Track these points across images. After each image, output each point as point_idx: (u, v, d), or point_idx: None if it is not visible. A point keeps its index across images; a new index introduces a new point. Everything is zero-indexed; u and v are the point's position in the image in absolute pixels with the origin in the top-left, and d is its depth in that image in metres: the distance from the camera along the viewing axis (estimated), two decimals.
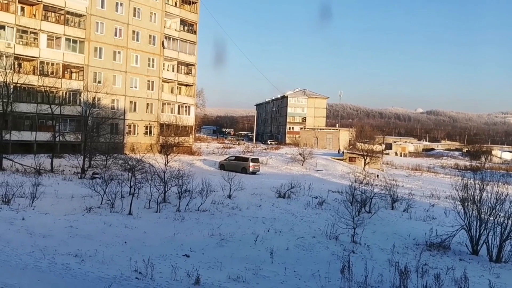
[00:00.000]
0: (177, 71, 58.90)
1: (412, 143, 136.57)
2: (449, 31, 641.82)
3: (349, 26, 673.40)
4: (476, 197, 18.19)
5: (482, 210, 17.89)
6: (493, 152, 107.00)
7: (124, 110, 51.73)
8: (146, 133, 54.86)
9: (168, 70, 57.94)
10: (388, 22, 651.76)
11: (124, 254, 13.89)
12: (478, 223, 17.75)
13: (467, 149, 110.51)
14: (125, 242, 15.47)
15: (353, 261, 14.10)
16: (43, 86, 41.02)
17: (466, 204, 18.41)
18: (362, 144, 64.76)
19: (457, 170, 70.38)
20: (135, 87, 53.29)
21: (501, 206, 17.70)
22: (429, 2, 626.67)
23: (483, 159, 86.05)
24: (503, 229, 17.05)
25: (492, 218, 17.61)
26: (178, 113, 58.42)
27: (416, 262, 14.56)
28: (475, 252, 17.86)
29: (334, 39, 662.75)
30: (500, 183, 19.57)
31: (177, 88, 59.68)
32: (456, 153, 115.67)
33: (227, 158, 49.68)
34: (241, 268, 13.30)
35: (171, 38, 57.17)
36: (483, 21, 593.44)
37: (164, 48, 55.98)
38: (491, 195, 18.04)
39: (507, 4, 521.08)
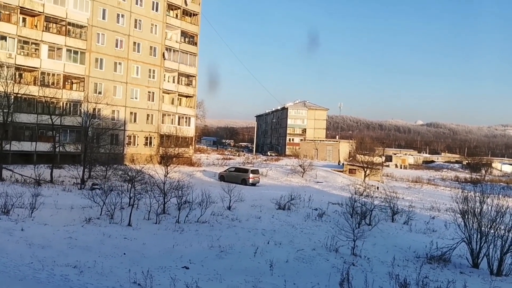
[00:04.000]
0: (178, 82, 59.11)
1: (412, 155, 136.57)
2: (449, 44, 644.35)
3: (349, 39, 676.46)
4: (476, 210, 18.14)
5: (483, 222, 17.82)
6: (493, 165, 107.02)
7: (125, 121, 51.81)
8: (146, 144, 54.89)
9: (168, 81, 58.12)
10: (388, 35, 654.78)
11: (123, 265, 13.82)
12: (479, 236, 17.68)
13: (467, 161, 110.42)
14: (124, 254, 15.40)
15: (353, 273, 14.03)
16: (44, 96, 41.13)
17: (466, 216, 18.35)
18: (362, 156, 64.76)
19: (457, 182, 70.39)
20: (136, 98, 53.44)
21: (501, 219, 17.64)
22: (428, 15, 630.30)
23: (483, 171, 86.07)
24: (503, 242, 16.98)
25: (492, 231, 17.54)
26: (178, 124, 58.54)
27: (416, 275, 14.49)
28: (476, 265, 17.78)
29: (334, 52, 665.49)
30: (500, 196, 19.50)
31: (178, 99, 59.84)
32: (456, 165, 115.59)
33: (227, 169, 49.67)
34: (240, 281, 13.24)
35: (172, 50, 57.45)
36: (483, 34, 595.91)
37: (164, 59, 56.22)
38: (491, 208, 17.98)
39: (506, 17, 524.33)
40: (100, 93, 48.24)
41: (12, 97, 37.64)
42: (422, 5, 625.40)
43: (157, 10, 55.29)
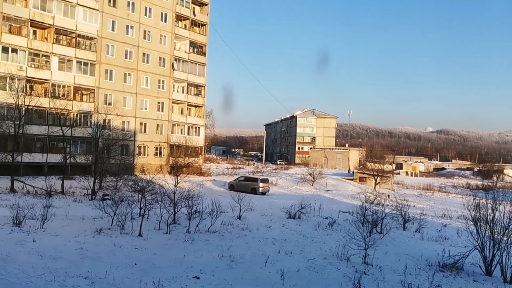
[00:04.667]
0: (187, 93, 59.36)
1: (422, 162, 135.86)
2: (458, 51, 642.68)
3: (357, 47, 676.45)
4: (488, 217, 17.95)
5: (495, 230, 17.65)
6: (504, 171, 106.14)
7: (134, 131, 52.10)
8: (156, 154, 55.12)
9: (178, 92, 58.44)
10: (397, 43, 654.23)
11: (134, 276, 13.82)
12: (491, 243, 17.50)
13: (478, 168, 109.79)
14: (135, 264, 15.41)
15: (364, 282, 13.96)
16: (55, 108, 41.52)
17: (478, 224, 18.17)
18: (372, 163, 64.57)
19: (468, 189, 69.85)
20: (145, 109, 53.75)
21: None
22: (437, 22, 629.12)
23: (494, 178, 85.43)
24: None
25: (505, 238, 17.36)
26: (188, 134, 58.72)
27: (429, 283, 14.38)
28: (489, 273, 17.58)
29: (342, 60, 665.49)
30: None
31: (187, 109, 60.07)
32: (467, 172, 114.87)
33: (237, 178, 49.63)
34: None
35: (181, 60, 57.79)
36: (492, 40, 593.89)
37: (174, 69, 56.56)
38: (504, 215, 17.82)
39: None
40: (110, 104, 48.57)
41: (23, 109, 38.02)
42: (430, 12, 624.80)
43: (165, 21, 55.73)
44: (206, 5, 61.59)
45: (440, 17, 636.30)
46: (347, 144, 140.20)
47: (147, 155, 54.13)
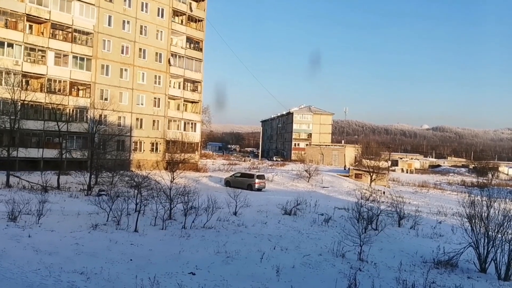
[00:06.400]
0: (183, 88, 59.25)
1: (418, 159, 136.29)
2: (454, 48, 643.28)
3: (353, 45, 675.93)
4: (483, 214, 18.04)
5: (490, 227, 17.73)
6: (500, 169, 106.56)
7: (131, 127, 52.01)
8: (152, 149, 55.05)
9: (174, 87, 58.28)
10: (394, 42, 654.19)
11: (129, 271, 13.82)
12: (486, 240, 17.59)
13: (473, 165, 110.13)
14: (131, 260, 15.40)
15: (359, 279, 13.99)
16: (50, 103, 41.35)
17: (473, 221, 18.25)
18: (368, 160, 64.71)
19: (463, 186, 70.10)
20: (142, 104, 53.66)
21: (509, 223, 17.53)
22: (433, 20, 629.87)
23: (489, 175, 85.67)
24: (511, 247, 16.88)
25: (500, 236, 17.44)
26: (184, 129, 58.68)
27: (423, 280, 14.43)
28: (483, 270, 17.67)
29: (339, 57, 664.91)
30: (507, 200, 19.44)
31: (183, 105, 60.00)
32: (463, 169, 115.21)
33: (233, 174, 49.68)
34: (247, 286, 13.21)
35: (178, 56, 57.66)
36: (488, 37, 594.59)
37: (170, 65, 56.43)
38: (498, 212, 17.90)
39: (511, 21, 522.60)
40: (106, 99, 48.47)
41: (19, 104, 37.86)
42: (427, 12, 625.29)
43: (162, 16, 55.57)
44: (202, 0, 61.46)
45: (436, 16, 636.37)
46: (343, 141, 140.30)
47: (143, 150, 54.07)
